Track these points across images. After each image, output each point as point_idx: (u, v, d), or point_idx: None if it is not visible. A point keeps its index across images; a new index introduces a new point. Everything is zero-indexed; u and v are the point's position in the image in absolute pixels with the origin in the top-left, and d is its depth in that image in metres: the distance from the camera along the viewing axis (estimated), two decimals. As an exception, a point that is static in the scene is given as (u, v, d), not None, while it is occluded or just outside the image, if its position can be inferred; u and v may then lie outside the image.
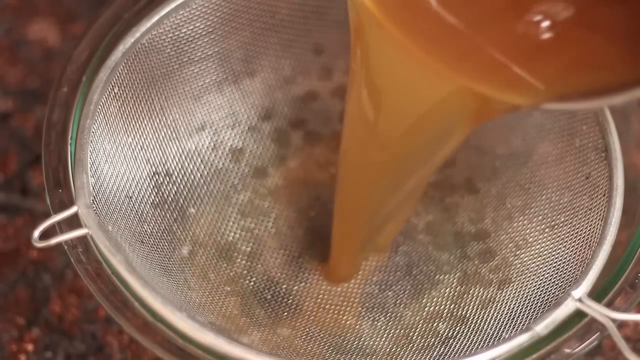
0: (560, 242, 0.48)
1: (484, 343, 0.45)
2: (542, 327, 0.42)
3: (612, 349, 0.53)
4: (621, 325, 0.42)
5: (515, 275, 0.49)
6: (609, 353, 0.53)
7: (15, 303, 0.54)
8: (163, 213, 0.50)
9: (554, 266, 0.47)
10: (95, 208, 0.43)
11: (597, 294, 0.44)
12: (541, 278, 0.47)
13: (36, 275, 0.55)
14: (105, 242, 0.42)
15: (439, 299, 0.49)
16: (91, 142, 0.45)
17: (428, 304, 0.49)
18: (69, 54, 0.49)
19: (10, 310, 0.54)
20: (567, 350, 0.42)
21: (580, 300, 0.42)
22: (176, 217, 0.51)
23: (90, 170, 0.44)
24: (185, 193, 0.52)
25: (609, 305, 0.43)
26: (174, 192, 0.51)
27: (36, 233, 0.41)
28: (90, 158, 0.45)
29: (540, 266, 0.48)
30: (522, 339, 0.41)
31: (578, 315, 0.42)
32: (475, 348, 0.44)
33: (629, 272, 0.45)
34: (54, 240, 0.41)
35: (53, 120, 0.47)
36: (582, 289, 0.43)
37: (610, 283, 0.45)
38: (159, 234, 0.49)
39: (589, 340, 0.42)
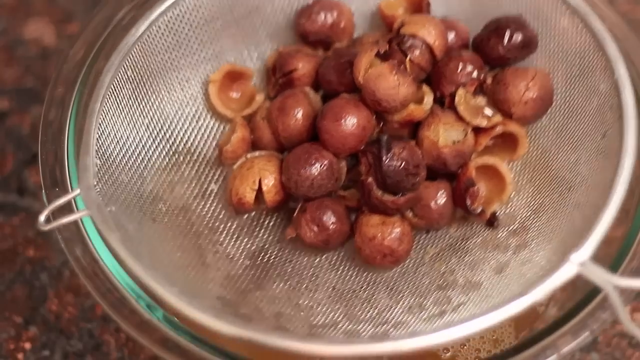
0: (574, 205, 0.47)
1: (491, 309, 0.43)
2: (542, 291, 0.40)
3: (608, 345, 0.53)
4: (616, 321, 0.42)
5: (530, 239, 0.48)
6: (605, 349, 0.53)
7: (13, 302, 0.54)
8: (182, 192, 0.49)
9: (567, 230, 0.46)
10: (100, 189, 0.43)
11: (612, 262, 0.44)
12: (552, 242, 0.46)
13: (33, 274, 0.55)
14: (106, 222, 0.41)
15: (458, 265, 0.48)
16: (100, 124, 0.44)
17: (446, 272, 0.48)
18: (65, 54, 0.49)
19: (8, 309, 0.54)
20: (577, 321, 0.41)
21: (581, 264, 0.40)
22: (196, 195, 0.50)
23: (98, 153, 0.44)
24: (207, 171, 0.51)
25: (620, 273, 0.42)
26: (195, 170, 0.51)
27: (42, 217, 0.41)
28: (97, 140, 0.44)
29: (553, 230, 0.47)
30: (522, 303, 0.40)
31: (580, 280, 0.40)
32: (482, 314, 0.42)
33: None
34: (56, 223, 0.41)
35: (49, 120, 0.47)
36: (584, 253, 0.41)
37: (623, 250, 0.44)
38: (175, 212, 0.48)
39: (591, 305, 0.42)
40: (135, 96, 0.48)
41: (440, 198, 0.49)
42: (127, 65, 0.47)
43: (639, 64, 0.50)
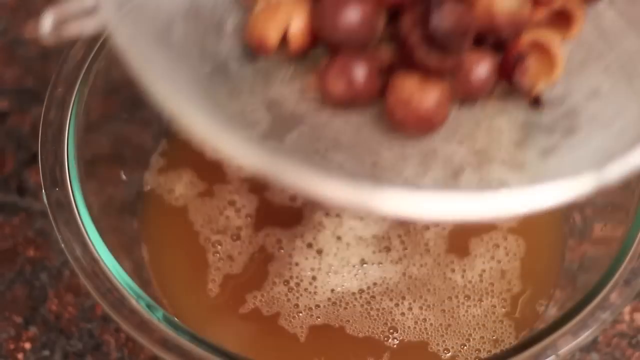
0: (636, 94, 0.43)
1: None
2: (612, 171, 0.37)
3: (608, 345, 0.53)
4: (616, 321, 0.42)
5: (583, 125, 0.43)
6: (605, 349, 0.53)
7: (13, 302, 0.54)
8: (197, 25, 0.44)
9: (630, 119, 0.42)
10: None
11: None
12: (611, 130, 0.42)
13: (33, 273, 0.55)
14: (125, 33, 0.37)
15: (496, 143, 0.44)
16: None
17: (482, 149, 0.44)
18: (65, 54, 0.49)
19: (8, 309, 0.54)
20: None
21: None
22: (211, 31, 0.45)
23: None
24: (225, 6, 0.46)
25: None
26: (211, 5, 0.45)
27: (47, 23, 0.37)
28: None
29: (612, 117, 0.43)
30: (585, 183, 0.36)
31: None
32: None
33: None
34: (66, 30, 0.38)
35: (49, 120, 0.47)
36: None
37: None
38: (189, 45, 0.44)
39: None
40: None
41: (483, 67, 0.44)
42: None
43: None
